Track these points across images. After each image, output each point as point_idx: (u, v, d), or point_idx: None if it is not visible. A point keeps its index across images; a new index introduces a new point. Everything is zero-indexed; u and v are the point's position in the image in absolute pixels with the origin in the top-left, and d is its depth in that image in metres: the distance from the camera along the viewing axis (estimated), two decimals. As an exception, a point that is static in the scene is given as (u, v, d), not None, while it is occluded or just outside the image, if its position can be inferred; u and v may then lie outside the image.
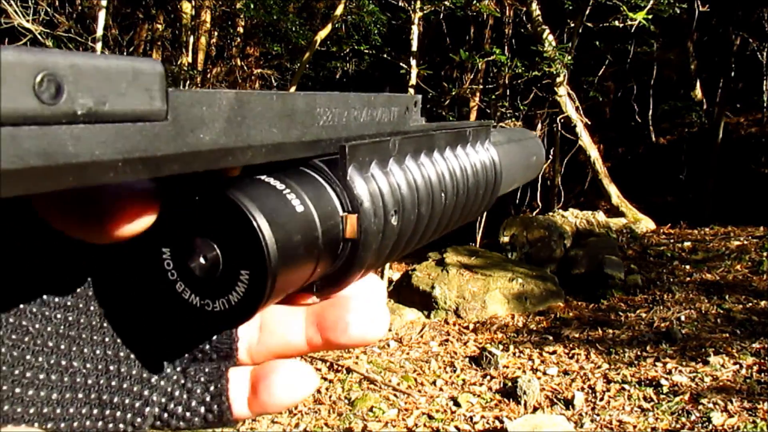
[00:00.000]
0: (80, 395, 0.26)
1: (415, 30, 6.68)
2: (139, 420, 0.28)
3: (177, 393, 0.29)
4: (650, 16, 7.01)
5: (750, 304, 4.34)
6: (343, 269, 0.29)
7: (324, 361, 4.11)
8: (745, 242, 5.55)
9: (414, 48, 6.75)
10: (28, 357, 0.25)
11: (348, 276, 0.29)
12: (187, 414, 0.29)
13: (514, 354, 4.07)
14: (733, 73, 9.87)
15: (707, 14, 8.85)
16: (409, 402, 3.56)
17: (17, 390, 0.24)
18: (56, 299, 0.26)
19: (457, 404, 3.48)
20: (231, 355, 0.30)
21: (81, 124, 0.17)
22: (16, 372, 0.24)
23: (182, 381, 0.29)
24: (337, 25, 7.48)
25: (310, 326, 0.30)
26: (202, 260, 0.25)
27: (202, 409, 0.29)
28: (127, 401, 0.27)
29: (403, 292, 5.21)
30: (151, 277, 0.26)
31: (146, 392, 0.28)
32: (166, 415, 0.28)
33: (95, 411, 0.26)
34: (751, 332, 3.91)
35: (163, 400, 0.28)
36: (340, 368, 3.99)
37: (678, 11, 7.31)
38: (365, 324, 0.29)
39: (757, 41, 9.77)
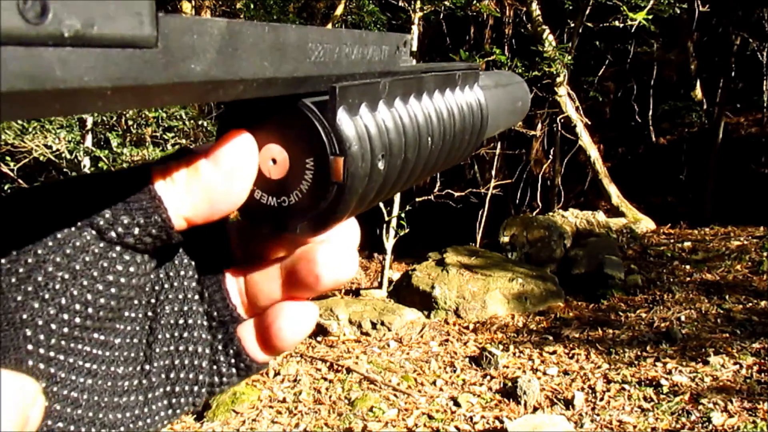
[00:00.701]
0: (158, 393, 0.29)
1: (415, 30, 6.68)
2: (198, 400, 0.31)
3: (208, 367, 0.32)
4: (650, 16, 7.01)
5: (750, 304, 4.34)
6: (328, 212, 0.29)
7: (324, 361, 4.11)
8: (745, 242, 5.55)
9: (414, 48, 6.75)
10: (113, 369, 0.27)
11: (332, 219, 0.29)
12: (224, 378, 0.32)
13: (514, 354, 4.07)
14: (733, 73, 9.87)
15: (707, 14, 8.85)
16: (409, 402, 3.56)
17: (115, 399, 0.27)
18: (123, 312, 0.28)
19: (457, 404, 3.48)
20: (236, 319, 0.32)
21: (68, 47, 0.16)
22: (109, 384, 0.27)
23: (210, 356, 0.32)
24: (337, 25, 7.48)
25: (286, 284, 0.32)
26: (271, 163, 0.28)
27: (233, 370, 0.32)
28: (186, 388, 0.30)
29: (403, 292, 5.21)
30: None
31: (200, 377, 0.31)
32: (210, 387, 0.32)
33: (166, 401, 0.30)
34: (751, 332, 3.91)
35: (207, 377, 0.31)
36: (340, 368, 3.99)
37: (678, 11, 7.31)
38: (334, 272, 0.31)
39: (757, 41, 9.77)
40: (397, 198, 5.82)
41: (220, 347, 0.32)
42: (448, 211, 7.36)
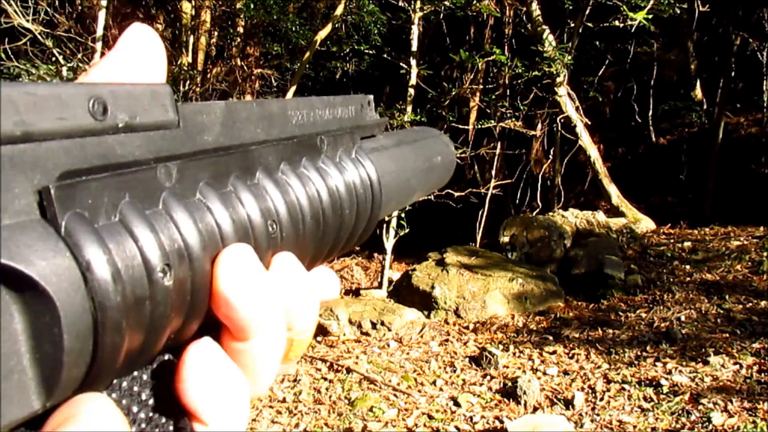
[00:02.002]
0: None
1: (415, 30, 6.68)
2: None
3: None
4: (650, 16, 7.02)
5: (750, 304, 4.34)
6: (99, 364, 0.20)
7: (324, 361, 4.11)
8: (745, 242, 5.55)
9: (414, 48, 6.75)
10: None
11: (103, 374, 0.21)
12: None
13: (514, 354, 4.07)
14: (733, 73, 9.87)
15: (707, 14, 8.85)
16: (409, 402, 3.56)
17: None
18: None
19: (457, 404, 3.48)
20: None
21: (122, 133, 0.23)
22: None
23: None
24: (337, 25, 7.48)
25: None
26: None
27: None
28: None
29: (403, 292, 5.21)
30: None
31: None
32: None
33: None
34: (751, 332, 3.91)
35: None
36: (340, 368, 3.99)
37: (678, 11, 7.31)
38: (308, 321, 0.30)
39: (757, 41, 9.77)
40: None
41: None
42: (448, 211, 7.36)
